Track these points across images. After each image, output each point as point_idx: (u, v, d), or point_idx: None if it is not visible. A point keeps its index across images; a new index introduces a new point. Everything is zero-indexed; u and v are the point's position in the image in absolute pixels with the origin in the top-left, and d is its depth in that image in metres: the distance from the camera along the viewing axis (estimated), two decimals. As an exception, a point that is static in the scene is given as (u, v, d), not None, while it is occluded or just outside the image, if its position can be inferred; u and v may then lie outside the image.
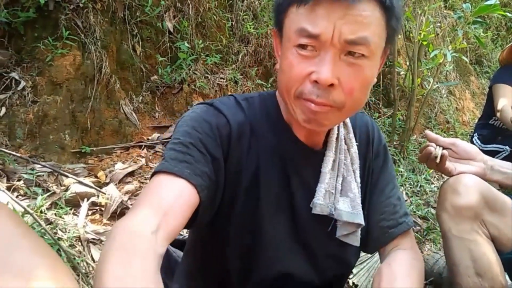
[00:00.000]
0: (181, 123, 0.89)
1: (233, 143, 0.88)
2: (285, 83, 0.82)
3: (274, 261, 0.94)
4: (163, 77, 3.11)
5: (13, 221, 0.57)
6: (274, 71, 3.90)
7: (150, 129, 2.92)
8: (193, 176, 0.78)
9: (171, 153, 0.81)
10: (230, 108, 0.91)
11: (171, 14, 3.26)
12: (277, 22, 0.86)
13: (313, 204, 0.92)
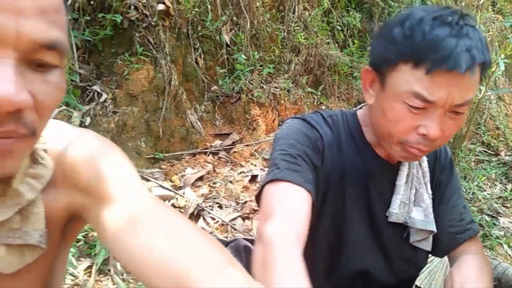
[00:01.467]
0: (284, 135, 1.01)
1: (325, 154, 1.01)
2: (388, 129, 0.92)
3: (354, 259, 1.07)
4: (222, 87, 3.31)
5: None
6: (323, 79, 4.04)
7: (212, 136, 3.12)
8: (307, 183, 0.91)
9: (283, 164, 0.94)
10: (319, 123, 1.04)
11: (228, 27, 3.46)
12: (378, 68, 0.93)
13: (389, 213, 1.05)
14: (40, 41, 0.47)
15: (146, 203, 0.66)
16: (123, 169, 0.69)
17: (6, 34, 0.44)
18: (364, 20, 4.58)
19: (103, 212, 0.64)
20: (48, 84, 0.50)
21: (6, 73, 0.44)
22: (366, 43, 4.47)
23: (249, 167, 2.81)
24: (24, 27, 0.45)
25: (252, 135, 3.21)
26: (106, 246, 0.68)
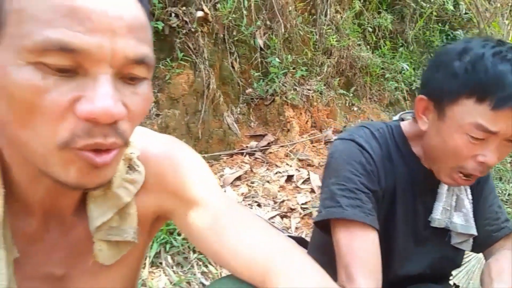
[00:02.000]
0: (338, 165, 1.05)
1: (379, 173, 1.07)
2: (446, 156, 0.98)
3: (400, 264, 1.14)
4: (257, 90, 3.40)
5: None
6: (355, 81, 4.08)
7: (248, 138, 3.22)
8: (369, 216, 0.99)
9: (344, 201, 1.00)
10: (367, 141, 1.08)
11: (262, 31, 3.56)
12: (436, 99, 0.97)
13: (432, 218, 1.12)
14: (131, 57, 0.51)
15: (226, 204, 0.75)
16: (204, 174, 0.77)
17: (103, 53, 0.48)
18: (396, 21, 4.59)
19: (189, 214, 0.73)
20: (138, 95, 0.54)
21: (105, 88, 0.49)
22: (398, 44, 4.49)
23: (285, 167, 2.90)
24: (118, 46, 0.49)
25: (287, 136, 3.29)
26: (193, 243, 0.76)
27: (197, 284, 1.74)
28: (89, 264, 0.68)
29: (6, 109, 0.49)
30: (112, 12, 0.48)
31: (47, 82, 0.47)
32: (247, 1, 3.23)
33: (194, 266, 1.79)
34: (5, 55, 0.47)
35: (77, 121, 0.49)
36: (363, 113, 3.99)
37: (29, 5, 0.46)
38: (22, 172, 0.59)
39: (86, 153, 0.50)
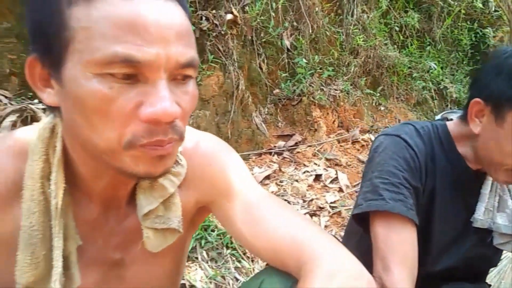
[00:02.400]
0: (382, 160, 1.08)
1: (422, 170, 1.09)
2: (502, 160, 0.99)
3: (438, 259, 1.17)
4: (284, 90, 3.45)
5: None
6: (382, 80, 4.08)
7: (275, 137, 3.27)
8: (410, 211, 1.01)
9: (387, 194, 1.03)
10: (412, 138, 1.10)
11: (289, 32, 3.60)
12: (496, 104, 0.98)
13: (474, 219, 1.14)
14: (182, 62, 0.56)
15: (260, 195, 0.80)
16: (240, 168, 0.83)
17: (160, 61, 0.54)
18: (423, 20, 4.56)
19: (226, 204, 0.78)
20: (187, 93, 0.60)
21: (164, 92, 0.54)
22: (425, 43, 4.45)
23: (313, 166, 2.94)
24: (170, 53, 0.55)
25: (314, 136, 3.32)
26: (230, 233, 0.81)
27: (231, 278, 1.80)
28: (138, 249, 0.75)
29: (78, 115, 0.56)
30: (164, 22, 0.54)
31: (114, 91, 0.53)
32: (274, 3, 3.29)
33: (229, 261, 1.86)
34: (74, 69, 0.54)
35: (140, 123, 0.55)
36: (390, 113, 3.99)
37: (95, 24, 0.52)
38: (87, 167, 0.66)
39: (150, 148, 0.57)
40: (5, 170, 0.63)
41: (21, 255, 0.63)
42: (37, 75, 0.60)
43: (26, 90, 2.52)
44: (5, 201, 0.63)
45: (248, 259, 1.94)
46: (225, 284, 1.77)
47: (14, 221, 0.64)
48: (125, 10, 0.52)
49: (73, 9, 0.53)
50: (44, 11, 0.55)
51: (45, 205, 0.64)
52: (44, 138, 0.65)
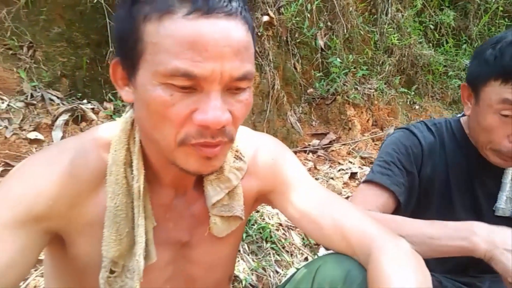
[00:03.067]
0: (385, 145, 1.22)
1: (424, 158, 1.17)
2: (482, 137, 1.08)
3: None
4: (318, 89, 3.50)
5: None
6: (417, 79, 4.06)
7: (309, 136, 3.33)
8: (393, 185, 1.11)
9: (377, 168, 1.15)
10: (422, 131, 1.20)
11: (323, 32, 3.65)
12: (473, 84, 1.09)
13: (496, 208, 1.18)
14: (235, 76, 0.63)
15: (316, 185, 0.90)
16: (296, 163, 0.92)
17: (215, 75, 0.61)
18: (458, 17, 4.49)
19: (285, 194, 0.88)
20: (240, 102, 0.67)
21: (216, 102, 0.62)
22: (461, 41, 4.39)
23: (348, 164, 2.97)
24: (225, 68, 0.61)
25: (348, 135, 3.36)
26: (292, 221, 0.90)
27: (272, 271, 1.88)
28: (205, 234, 0.84)
29: (144, 115, 0.67)
30: (223, 42, 0.60)
31: (174, 98, 0.62)
32: (310, 5, 3.34)
33: (269, 254, 1.93)
34: (144, 76, 0.64)
35: (193, 126, 0.64)
36: (425, 111, 3.96)
37: (162, 40, 0.60)
38: (157, 160, 0.76)
39: (199, 148, 0.66)
40: (91, 159, 0.73)
41: (107, 232, 0.73)
42: (118, 75, 0.70)
43: (75, 91, 2.67)
44: (92, 186, 0.73)
45: (287, 253, 2.01)
46: (266, 276, 1.85)
47: (100, 203, 0.73)
48: (188, 29, 0.59)
49: (147, 25, 0.62)
50: (126, 25, 0.65)
51: (127, 188, 0.73)
52: (126, 130, 0.75)
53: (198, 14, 0.59)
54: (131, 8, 0.64)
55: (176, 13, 0.60)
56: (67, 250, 0.75)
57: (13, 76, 2.46)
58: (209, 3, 0.60)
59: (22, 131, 2.20)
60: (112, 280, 0.74)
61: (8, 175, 0.71)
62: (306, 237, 2.14)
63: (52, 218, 0.69)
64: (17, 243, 0.65)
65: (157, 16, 0.61)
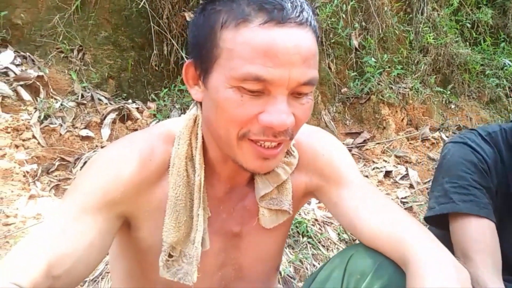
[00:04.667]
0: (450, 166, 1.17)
1: (492, 172, 1.15)
2: None
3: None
4: (352, 89, 3.54)
5: None
6: (453, 78, 4.02)
7: (343, 135, 3.37)
8: (483, 210, 1.08)
9: (456, 196, 1.11)
10: (479, 144, 1.16)
11: (357, 32, 3.68)
12: None
13: None
14: (302, 81, 0.66)
15: (365, 184, 0.89)
16: (347, 158, 0.92)
17: (283, 81, 0.65)
18: (497, 15, 4.42)
19: (333, 191, 0.88)
20: (303, 105, 0.70)
21: (282, 106, 0.66)
22: (499, 40, 4.32)
23: (382, 163, 3.00)
24: (293, 74, 0.65)
25: (382, 134, 3.38)
26: (337, 218, 0.90)
27: (309, 263, 1.95)
28: (253, 225, 0.89)
29: (213, 113, 0.72)
30: (293, 50, 0.64)
31: (243, 100, 0.67)
32: (345, 5, 3.38)
33: (306, 247, 2.00)
34: (217, 78, 0.68)
35: (257, 125, 0.68)
36: (461, 111, 3.93)
37: (238, 47, 0.65)
38: (217, 155, 0.81)
39: (259, 147, 0.70)
40: (157, 152, 0.80)
41: (167, 219, 0.80)
42: (190, 75, 0.76)
43: (121, 92, 2.83)
44: (157, 176, 0.80)
45: (323, 247, 2.08)
46: (303, 268, 1.92)
47: (163, 192, 0.80)
48: (262, 38, 0.64)
49: (223, 32, 0.67)
50: (203, 31, 0.71)
51: (187, 180, 0.80)
52: (189, 127, 0.81)
53: (273, 23, 0.64)
54: (209, 16, 0.69)
55: (252, 22, 0.64)
56: (131, 234, 0.83)
57: (65, 78, 2.64)
58: (283, 13, 0.64)
59: (75, 129, 2.36)
60: (170, 263, 0.81)
61: (85, 166, 0.80)
62: (341, 233, 2.20)
63: (124, 203, 0.76)
64: (96, 227, 0.71)
65: (234, 24, 0.66)
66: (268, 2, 0.65)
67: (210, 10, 0.70)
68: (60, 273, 0.67)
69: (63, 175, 2.12)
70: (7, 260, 0.67)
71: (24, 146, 2.13)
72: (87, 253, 0.70)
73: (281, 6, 0.65)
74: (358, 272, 0.79)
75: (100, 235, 0.72)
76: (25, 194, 1.85)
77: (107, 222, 0.74)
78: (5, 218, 1.71)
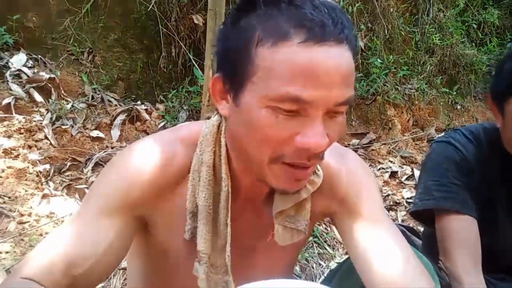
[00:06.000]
0: (433, 164, 1.20)
1: (474, 170, 1.17)
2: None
3: (505, 254, 1.22)
4: (358, 90, 3.56)
5: None
6: (459, 79, 4.04)
7: (349, 135, 3.40)
8: (464, 207, 1.12)
9: (438, 194, 1.15)
10: (462, 142, 1.19)
11: (363, 33, 3.70)
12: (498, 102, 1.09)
13: None
14: (340, 101, 0.63)
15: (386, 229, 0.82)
16: (374, 193, 0.86)
17: (322, 101, 0.61)
18: (503, 16, 4.42)
19: (351, 224, 0.83)
20: (337, 124, 0.66)
21: (318, 128, 0.62)
22: (506, 40, 4.32)
23: (387, 164, 3.03)
24: (332, 95, 0.62)
25: (388, 134, 3.40)
26: (346, 246, 0.88)
27: (315, 262, 1.99)
28: (268, 240, 0.85)
29: (243, 131, 0.68)
30: (333, 71, 0.61)
31: (278, 120, 0.63)
32: (351, 7, 3.41)
33: (313, 247, 2.04)
34: (251, 96, 0.64)
35: (292, 147, 0.64)
36: (467, 112, 3.94)
37: (276, 66, 0.61)
38: (239, 166, 0.78)
39: (291, 169, 0.67)
40: (177, 156, 0.78)
41: (202, 229, 0.77)
42: (217, 89, 0.72)
43: (130, 93, 2.89)
44: (176, 180, 0.78)
45: (329, 246, 2.11)
46: (309, 267, 1.96)
47: (182, 196, 0.79)
48: (302, 58, 0.60)
49: (259, 49, 0.63)
50: (236, 44, 0.66)
51: (213, 187, 0.78)
52: (213, 134, 0.78)
53: (313, 41, 0.60)
54: (243, 31, 0.66)
55: (292, 39, 0.61)
56: (148, 236, 0.83)
57: (75, 80, 2.70)
58: (325, 31, 0.61)
59: (85, 130, 2.41)
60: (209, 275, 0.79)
61: (105, 168, 0.80)
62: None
63: (143, 206, 0.75)
64: (114, 229, 0.72)
65: (272, 41, 0.62)
66: (309, 19, 0.61)
67: (244, 24, 0.66)
68: (80, 273, 0.69)
69: (75, 175, 2.18)
70: (28, 259, 0.69)
71: (36, 147, 2.19)
72: (106, 254, 0.71)
73: (322, 23, 0.61)
74: None
75: (118, 237, 0.72)
76: (39, 194, 1.91)
77: (125, 224, 0.74)
78: (20, 216, 1.76)
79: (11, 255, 1.57)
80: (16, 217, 1.75)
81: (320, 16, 0.61)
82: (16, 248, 1.62)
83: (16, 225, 1.72)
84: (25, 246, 1.63)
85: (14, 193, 1.86)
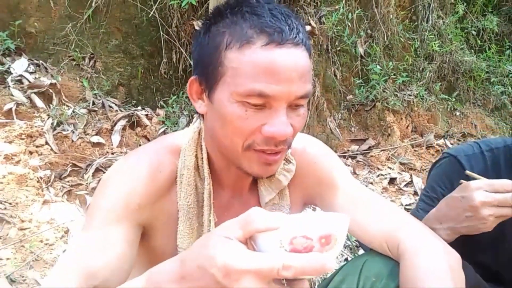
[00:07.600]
0: (433, 177, 1.21)
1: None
2: None
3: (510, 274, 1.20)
4: (358, 96, 3.58)
5: None
6: (458, 85, 4.05)
7: (349, 142, 3.41)
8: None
9: (421, 204, 1.17)
10: (470, 160, 1.14)
11: (363, 40, 3.72)
12: None
13: None
14: (299, 95, 0.74)
15: (357, 186, 0.97)
16: (338, 162, 1.00)
17: (283, 95, 0.72)
18: (502, 23, 4.44)
19: (332, 197, 0.94)
20: (299, 116, 0.78)
21: (282, 118, 0.73)
22: (504, 47, 4.34)
23: (386, 170, 3.04)
24: (292, 89, 0.73)
25: (387, 141, 3.42)
26: None
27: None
28: None
29: (218, 125, 0.79)
30: (291, 68, 0.72)
31: (247, 113, 0.74)
32: (350, 14, 3.43)
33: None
34: (222, 94, 0.75)
35: (260, 136, 0.75)
36: (466, 118, 3.95)
37: (242, 66, 0.72)
38: (221, 163, 0.88)
39: (263, 154, 0.78)
40: (165, 164, 0.86)
41: (181, 227, 0.86)
42: (194, 90, 0.83)
43: (131, 99, 2.90)
44: (167, 186, 0.86)
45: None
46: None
47: (173, 201, 0.86)
48: (264, 58, 0.71)
49: (228, 52, 0.74)
50: (209, 50, 0.77)
51: (196, 189, 0.87)
52: (194, 139, 0.88)
53: (273, 44, 0.71)
54: (214, 37, 0.76)
55: (255, 43, 0.72)
56: (146, 243, 0.88)
57: (76, 85, 2.71)
58: (282, 36, 0.71)
59: (86, 135, 2.42)
60: None
61: (101, 184, 0.86)
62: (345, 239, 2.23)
63: (142, 213, 0.82)
64: (123, 237, 0.77)
65: (238, 45, 0.73)
66: (269, 26, 0.72)
67: (214, 31, 0.77)
68: (100, 282, 0.73)
69: (75, 180, 2.19)
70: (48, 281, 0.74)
71: (37, 153, 2.20)
72: (120, 262, 0.76)
73: (280, 29, 0.72)
74: (373, 275, 0.85)
75: (128, 244, 0.78)
76: (39, 200, 1.92)
77: (131, 231, 0.80)
78: (20, 223, 1.77)
79: (12, 261, 1.58)
80: (16, 223, 1.76)
81: (278, 23, 0.72)
82: (17, 254, 1.63)
83: (16, 232, 1.73)
84: (26, 253, 1.64)
85: (15, 199, 1.87)
